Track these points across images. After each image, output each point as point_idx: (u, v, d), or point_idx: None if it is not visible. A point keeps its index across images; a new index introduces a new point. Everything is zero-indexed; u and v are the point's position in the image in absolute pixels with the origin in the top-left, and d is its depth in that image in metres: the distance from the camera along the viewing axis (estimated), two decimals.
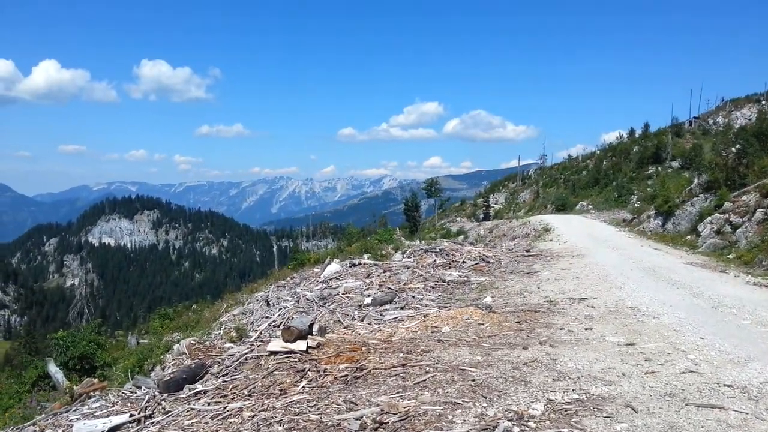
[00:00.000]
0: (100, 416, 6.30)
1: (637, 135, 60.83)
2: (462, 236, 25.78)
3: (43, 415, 7.44)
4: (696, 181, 22.85)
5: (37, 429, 6.41)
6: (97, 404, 7.01)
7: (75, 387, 8.78)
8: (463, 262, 14.74)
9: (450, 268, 14.12)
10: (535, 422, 4.86)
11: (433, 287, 12.04)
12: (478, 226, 36.31)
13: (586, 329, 8.16)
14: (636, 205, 34.25)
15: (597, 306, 9.78)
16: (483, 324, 8.65)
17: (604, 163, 56.88)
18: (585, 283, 12.13)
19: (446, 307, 10.26)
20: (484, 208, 55.42)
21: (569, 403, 5.28)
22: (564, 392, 5.56)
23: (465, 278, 12.94)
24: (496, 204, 62.00)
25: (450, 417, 5.09)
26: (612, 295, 10.74)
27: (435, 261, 14.75)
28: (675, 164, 44.86)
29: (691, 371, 6.11)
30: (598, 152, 62.97)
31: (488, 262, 14.99)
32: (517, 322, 8.69)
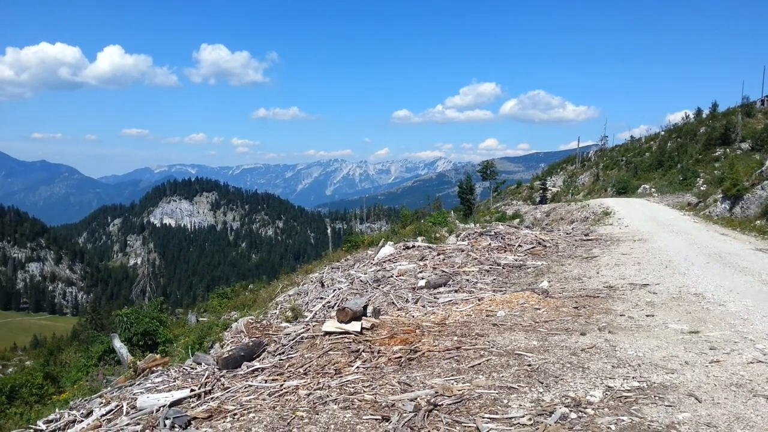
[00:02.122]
0: (163, 390, 6.50)
1: (704, 115, 58.25)
2: (518, 219, 25.37)
3: (109, 388, 7.75)
4: (767, 163, 21.77)
5: (104, 401, 6.66)
6: (160, 379, 7.24)
7: (138, 362, 9.12)
8: (519, 245, 14.51)
9: (505, 251, 13.92)
10: (593, 409, 4.76)
11: (487, 271, 11.90)
12: (534, 210, 35.66)
13: (647, 316, 7.91)
14: (702, 188, 32.94)
15: (659, 292, 9.47)
16: (539, 309, 8.50)
17: (669, 144, 54.82)
18: (647, 268, 11.76)
19: (501, 291, 10.13)
20: (540, 191, 54.35)
21: (629, 390, 5.14)
22: (624, 379, 5.41)
23: (521, 262, 12.73)
24: (553, 187, 60.68)
25: (505, 401, 5.03)
26: (675, 281, 10.38)
27: (490, 244, 14.56)
28: (745, 146, 42.83)
29: (760, 361, 5.85)
30: (663, 133, 60.73)
31: (545, 246, 14.70)
32: (574, 308, 8.50)
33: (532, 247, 14.45)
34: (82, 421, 6.16)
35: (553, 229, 19.13)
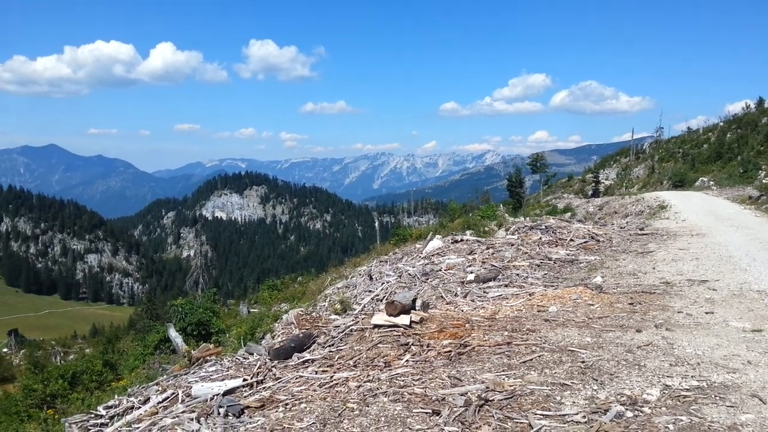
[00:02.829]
0: (216, 379, 6.63)
1: (766, 105, 55.87)
2: (569, 213, 24.87)
3: (165, 376, 7.95)
4: None
5: (160, 389, 6.84)
6: (213, 368, 7.39)
7: (193, 351, 9.33)
8: (571, 240, 14.22)
9: (557, 246, 13.67)
10: (650, 408, 4.64)
11: (538, 265, 11.72)
12: (586, 203, 34.93)
13: (706, 313, 7.65)
14: (764, 181, 31.63)
15: (719, 289, 9.14)
16: (593, 304, 8.31)
17: (728, 135, 52.80)
18: (705, 264, 11.37)
19: (553, 286, 9.95)
20: (593, 184, 53.17)
21: (688, 389, 4.98)
22: (682, 378, 5.24)
23: (573, 257, 12.49)
24: (606, 180, 59.24)
25: (558, 398, 4.95)
26: (736, 277, 10.00)
27: (540, 238, 14.33)
28: None
29: None
30: (722, 124, 58.52)
31: (598, 240, 14.37)
32: (630, 304, 8.28)
33: (585, 242, 14.15)
34: (139, 407, 6.34)
35: (606, 223, 18.69)
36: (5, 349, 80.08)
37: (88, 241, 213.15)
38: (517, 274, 10.89)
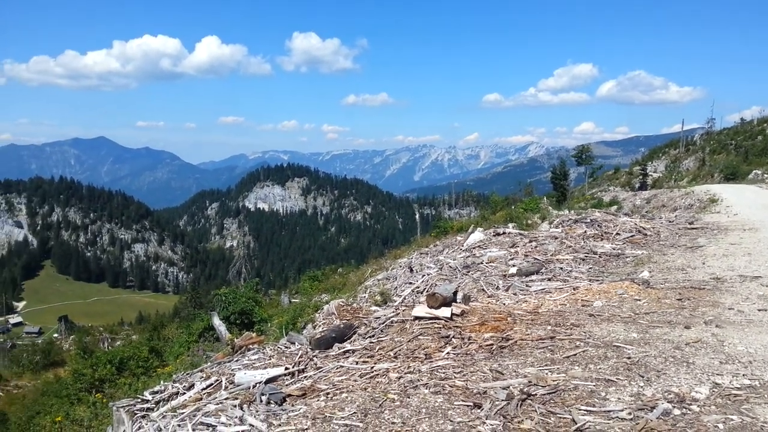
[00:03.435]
0: (259, 367, 6.71)
1: None
2: (615, 206, 24.32)
3: (209, 363, 8.08)
4: None
5: (204, 375, 6.95)
6: (256, 356, 7.47)
7: (236, 340, 9.47)
8: (617, 233, 13.91)
9: (602, 239, 13.39)
10: (698, 406, 4.51)
11: (583, 259, 11.49)
12: (633, 196, 34.11)
13: (759, 310, 7.38)
14: None
15: None
16: (639, 300, 8.12)
17: None
18: (758, 259, 10.96)
19: (598, 280, 9.75)
20: (640, 177, 51.87)
21: (738, 388, 4.82)
22: (733, 376, 5.08)
23: (619, 251, 12.21)
24: (654, 172, 57.73)
25: (603, 394, 4.86)
26: None
27: (585, 232, 14.05)
28: None
29: None
30: None
31: (645, 234, 14.02)
32: (678, 299, 8.06)
33: (632, 236, 13.82)
34: (184, 393, 6.45)
35: (654, 217, 18.21)
36: (56, 335, 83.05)
37: (135, 230, 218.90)
38: (561, 268, 10.70)
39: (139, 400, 6.60)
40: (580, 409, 4.57)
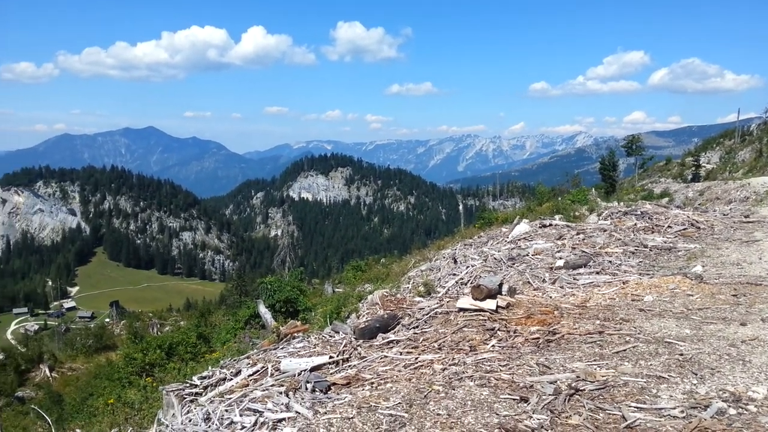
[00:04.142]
0: (304, 356, 6.78)
1: None
2: (667, 198, 23.65)
3: (254, 350, 8.21)
4: None
5: (251, 362, 7.06)
6: (301, 345, 7.55)
7: (281, 327, 9.58)
8: (669, 226, 13.51)
9: (653, 232, 13.03)
10: (755, 406, 4.35)
11: (633, 252, 11.21)
12: (686, 188, 33.05)
13: None
14: None
15: None
16: (692, 295, 7.87)
17: None
18: None
19: (648, 274, 9.50)
20: (693, 168, 50.22)
21: None
22: None
23: (670, 244, 11.87)
24: (707, 163, 55.80)
25: (654, 391, 4.74)
26: None
27: (635, 224, 13.70)
28: None
29: None
30: None
31: (698, 227, 13.59)
32: (733, 295, 7.78)
33: (684, 229, 13.41)
34: (231, 379, 6.57)
35: (707, 210, 17.61)
36: (107, 320, 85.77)
37: (183, 219, 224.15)
38: (610, 261, 10.47)
39: (188, 384, 6.74)
40: (630, 406, 4.48)
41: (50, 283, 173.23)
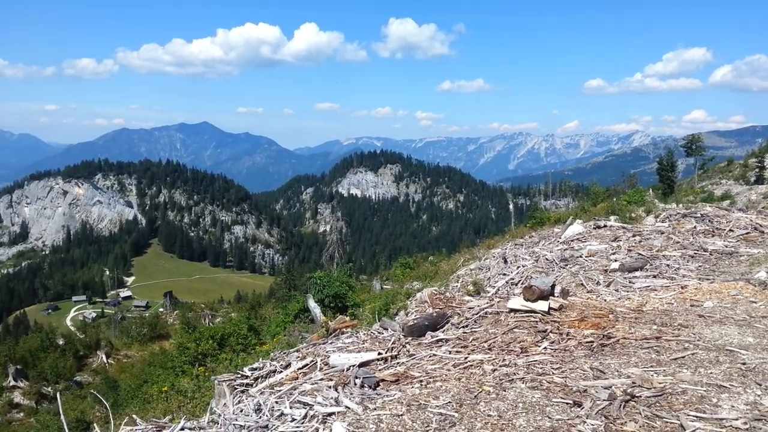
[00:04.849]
0: (352, 351, 6.81)
1: None
2: (728, 201, 22.81)
3: (304, 344, 8.29)
4: None
5: (300, 355, 7.14)
6: (349, 340, 7.59)
7: (330, 322, 9.67)
8: (730, 230, 13.01)
9: (713, 236, 12.57)
10: None
11: (692, 256, 10.84)
12: (749, 190, 31.88)
13: None
14: None
15: None
16: (756, 302, 7.55)
17: None
18: None
19: (708, 279, 9.17)
20: (757, 170, 48.19)
21: None
22: None
23: (732, 249, 11.42)
24: None
25: (714, 400, 4.57)
26: None
27: (695, 227, 13.24)
28: None
29: None
30: None
31: (762, 231, 13.03)
32: None
33: (747, 233, 12.88)
34: (281, 371, 6.66)
35: None
36: (161, 309, 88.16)
37: (235, 213, 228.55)
38: (668, 265, 10.15)
39: (239, 375, 6.86)
40: (689, 415, 4.34)
41: (108, 272, 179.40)
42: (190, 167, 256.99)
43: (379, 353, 6.53)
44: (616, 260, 10.47)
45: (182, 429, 5.00)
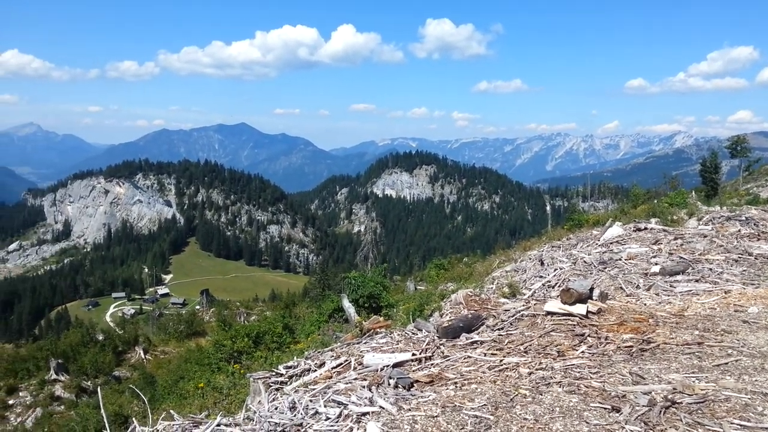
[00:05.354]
0: (386, 351, 6.79)
1: None
2: None
3: (338, 344, 8.31)
4: None
5: (335, 355, 7.15)
6: (384, 340, 7.58)
7: (364, 322, 9.67)
8: None
9: (758, 239, 12.20)
10: None
11: (736, 260, 10.53)
12: None
13: None
14: None
15: None
16: None
17: None
18: None
19: (753, 284, 8.90)
20: None
21: None
22: None
23: None
24: None
25: (760, 409, 4.44)
26: None
27: (739, 231, 12.87)
28: None
29: None
30: None
31: None
32: None
33: None
34: (315, 370, 6.68)
35: None
36: (198, 307, 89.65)
37: (271, 213, 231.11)
38: (710, 269, 9.88)
39: (274, 373, 6.90)
40: (732, 423, 4.23)
41: (146, 270, 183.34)
42: (227, 167, 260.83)
43: (414, 354, 6.50)
44: (656, 264, 10.24)
45: (218, 425, 5.05)
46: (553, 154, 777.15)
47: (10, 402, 30.73)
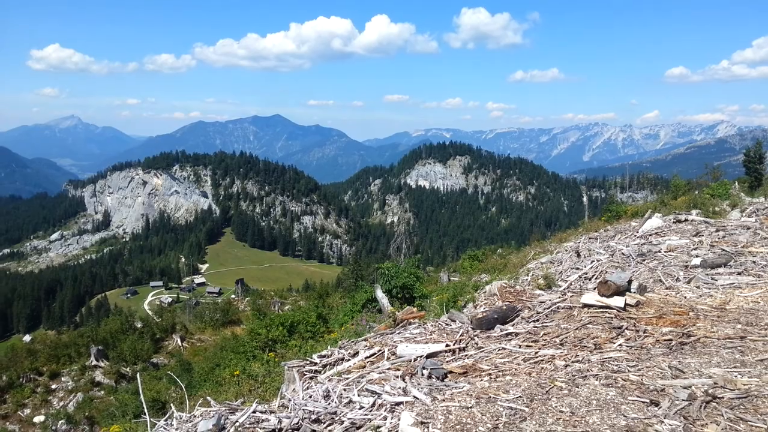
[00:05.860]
0: (420, 342, 6.79)
1: None
2: None
3: (371, 334, 8.33)
4: None
5: (368, 344, 7.17)
6: (417, 331, 7.57)
7: (397, 313, 9.67)
8: None
9: None
10: None
11: None
12: None
13: None
14: None
15: None
16: None
17: None
18: None
19: None
20: None
21: None
22: None
23: None
24: None
25: None
26: None
27: None
28: None
29: None
30: None
31: None
32: None
33: None
34: (349, 360, 6.71)
35: None
36: (233, 296, 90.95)
37: (305, 203, 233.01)
38: (754, 262, 9.60)
39: (308, 362, 6.95)
40: None
41: (183, 259, 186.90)
42: (262, 159, 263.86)
43: (447, 345, 6.48)
44: (697, 256, 9.99)
45: (254, 412, 5.12)
46: (591, 144, 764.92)
47: (53, 386, 31.65)
